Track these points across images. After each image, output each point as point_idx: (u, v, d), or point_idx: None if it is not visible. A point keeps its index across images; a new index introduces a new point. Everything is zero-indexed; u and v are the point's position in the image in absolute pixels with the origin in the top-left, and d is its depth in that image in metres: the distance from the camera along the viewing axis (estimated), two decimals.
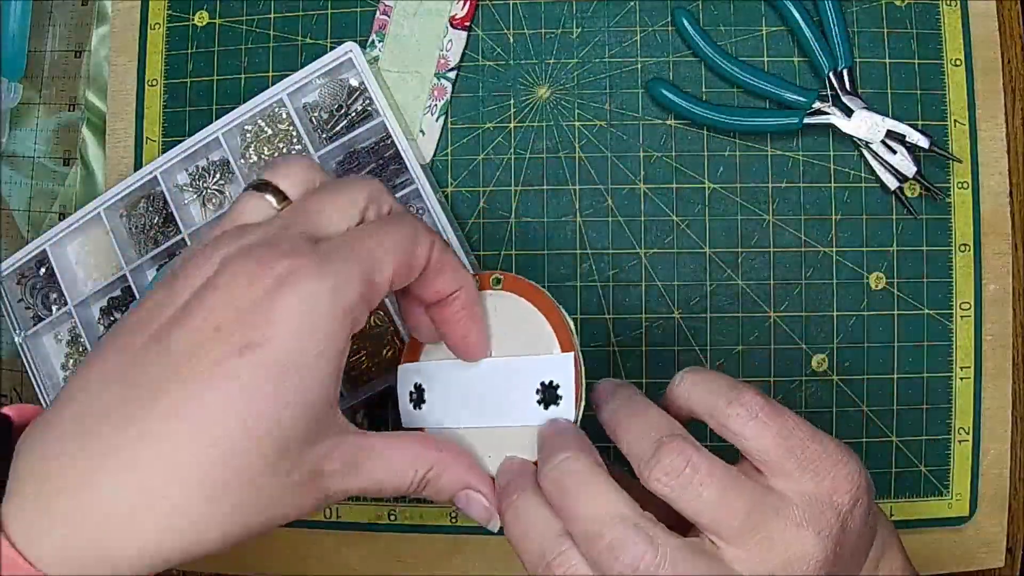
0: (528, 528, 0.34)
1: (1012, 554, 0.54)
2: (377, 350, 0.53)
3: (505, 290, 0.39)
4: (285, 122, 0.54)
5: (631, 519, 0.31)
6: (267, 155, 0.54)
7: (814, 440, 0.32)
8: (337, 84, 0.54)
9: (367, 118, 0.53)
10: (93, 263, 0.57)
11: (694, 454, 0.31)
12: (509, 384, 0.38)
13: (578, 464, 0.33)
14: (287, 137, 0.54)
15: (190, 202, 0.56)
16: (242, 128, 0.55)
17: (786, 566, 0.30)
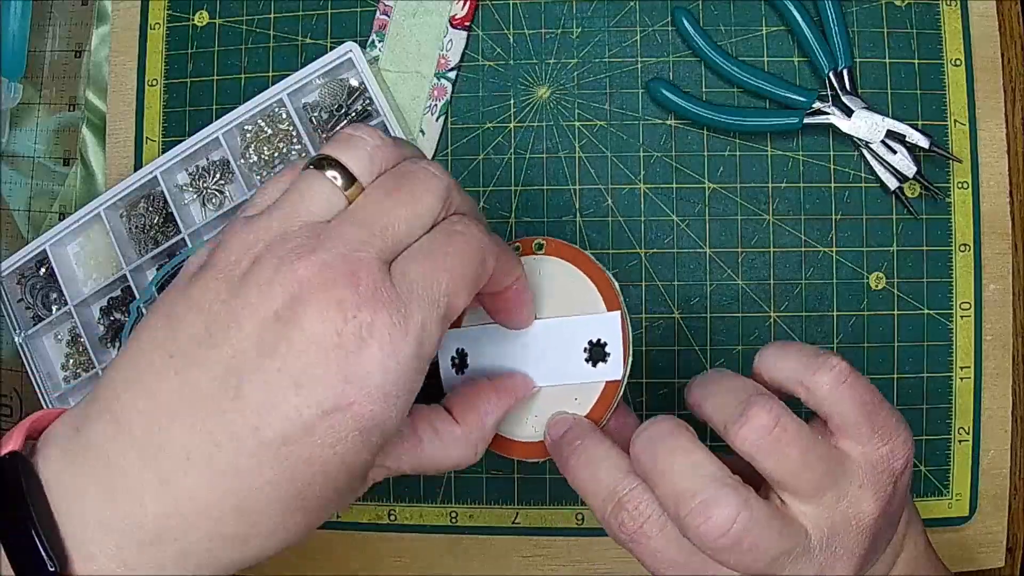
0: (596, 468, 0.34)
1: (1012, 554, 0.54)
2: None
3: (548, 254, 0.39)
4: (285, 122, 0.54)
5: (724, 478, 0.32)
6: (267, 155, 0.54)
7: (885, 406, 0.33)
8: (337, 84, 0.54)
9: (367, 118, 0.53)
10: (93, 263, 0.57)
11: (783, 413, 0.32)
12: (556, 344, 0.38)
13: (669, 425, 0.34)
14: (287, 137, 0.54)
15: (190, 202, 0.56)
16: (242, 128, 0.55)
17: (846, 523, 0.32)
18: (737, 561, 0.31)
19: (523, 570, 0.55)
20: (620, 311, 0.37)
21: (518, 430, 0.39)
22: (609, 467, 0.34)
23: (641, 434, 0.34)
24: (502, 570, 0.55)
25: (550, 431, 0.37)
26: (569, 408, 0.38)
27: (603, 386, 0.38)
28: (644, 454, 0.33)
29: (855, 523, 0.32)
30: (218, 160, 0.56)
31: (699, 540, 0.31)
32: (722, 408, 0.33)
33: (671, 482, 0.32)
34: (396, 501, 0.56)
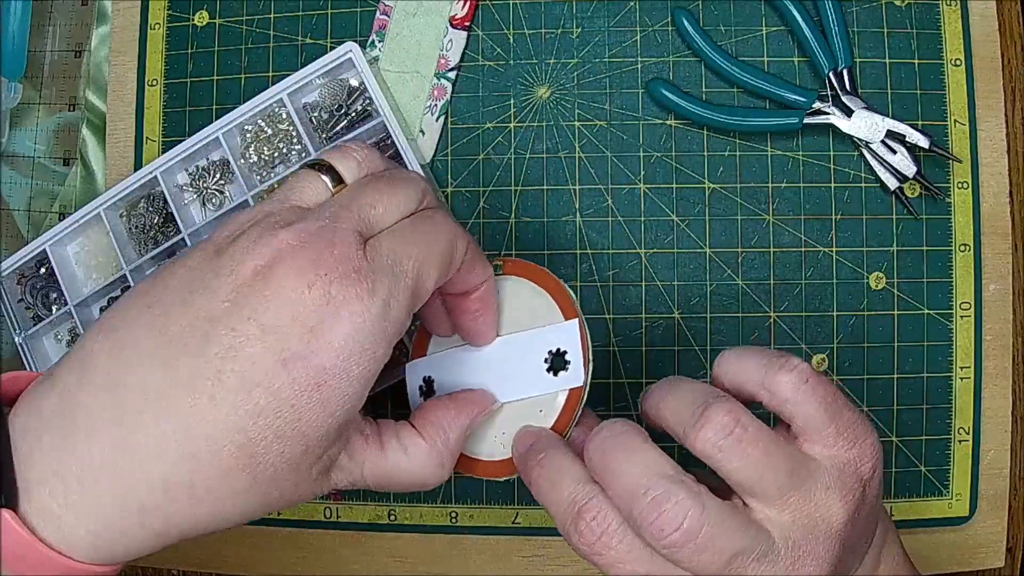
0: (557, 478, 0.34)
1: (1012, 554, 0.54)
2: None
3: (507, 273, 0.40)
4: (285, 122, 0.54)
5: (676, 477, 0.32)
6: (267, 155, 0.54)
7: (849, 408, 0.33)
8: (337, 84, 0.54)
9: (367, 118, 0.53)
10: (93, 263, 0.57)
11: (742, 414, 0.32)
12: (518, 358, 0.39)
13: (623, 427, 0.34)
14: (287, 137, 0.54)
15: (190, 202, 0.56)
16: (242, 128, 0.55)
17: (813, 527, 0.31)
18: (692, 560, 0.31)
19: (523, 570, 0.55)
20: (577, 318, 0.38)
21: (485, 448, 0.39)
22: (570, 478, 0.34)
23: (594, 438, 0.34)
24: (502, 570, 0.55)
25: (516, 445, 0.37)
26: (535, 421, 0.38)
27: (567, 395, 0.38)
28: (596, 455, 0.33)
29: (823, 528, 0.32)
30: (218, 160, 0.56)
31: (652, 537, 0.31)
32: (679, 412, 0.33)
33: (623, 481, 0.32)
34: (396, 501, 0.56)
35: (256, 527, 0.57)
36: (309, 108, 0.55)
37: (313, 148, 0.53)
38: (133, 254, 0.55)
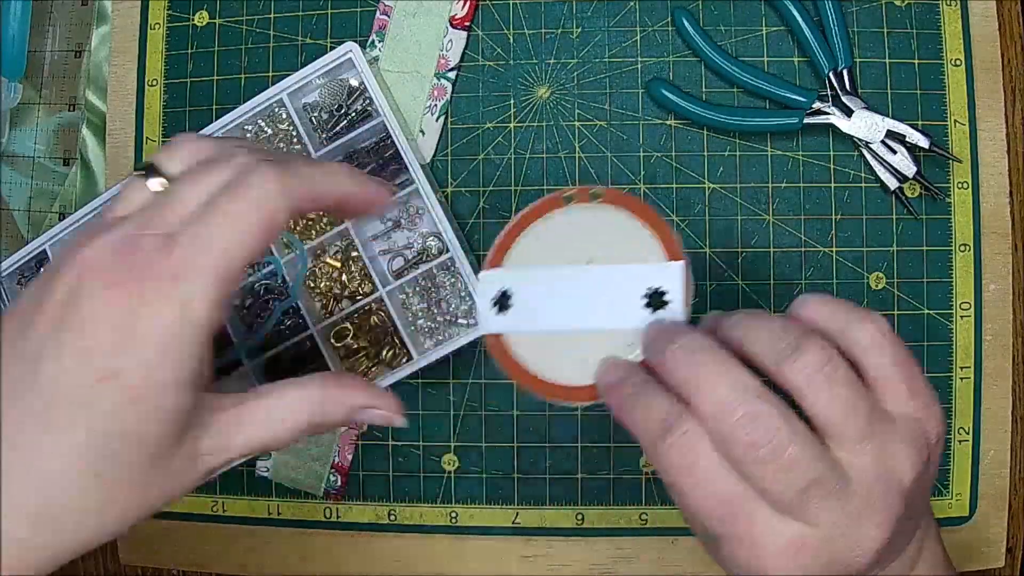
0: (646, 399, 0.34)
1: (1012, 554, 0.54)
2: (376, 350, 0.53)
3: (606, 202, 0.39)
4: (285, 122, 0.54)
5: (765, 393, 0.31)
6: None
7: (921, 375, 0.34)
8: (337, 84, 0.54)
9: (367, 118, 0.53)
10: None
11: (835, 353, 0.32)
12: (611, 291, 0.38)
13: (705, 341, 0.33)
14: (287, 137, 0.54)
15: None
16: (242, 128, 0.55)
17: (885, 478, 0.32)
18: (776, 479, 0.31)
19: (523, 570, 0.55)
20: (684, 260, 0.37)
21: (565, 373, 0.38)
22: (661, 398, 0.34)
23: (677, 352, 0.34)
24: (502, 570, 0.55)
25: (603, 375, 0.37)
26: (621, 354, 0.37)
27: None
28: (682, 369, 0.33)
29: (894, 482, 0.32)
30: None
31: (743, 452, 0.31)
32: (772, 342, 0.33)
33: (713, 396, 0.32)
34: (396, 501, 0.56)
35: (256, 527, 0.57)
36: (309, 108, 0.55)
37: (313, 148, 0.53)
38: None
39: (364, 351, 0.54)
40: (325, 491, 0.56)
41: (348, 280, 0.54)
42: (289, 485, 0.56)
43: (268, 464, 0.56)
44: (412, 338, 0.52)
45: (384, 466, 0.56)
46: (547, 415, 0.55)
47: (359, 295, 0.54)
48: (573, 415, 0.54)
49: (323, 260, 0.54)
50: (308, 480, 0.56)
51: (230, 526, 0.57)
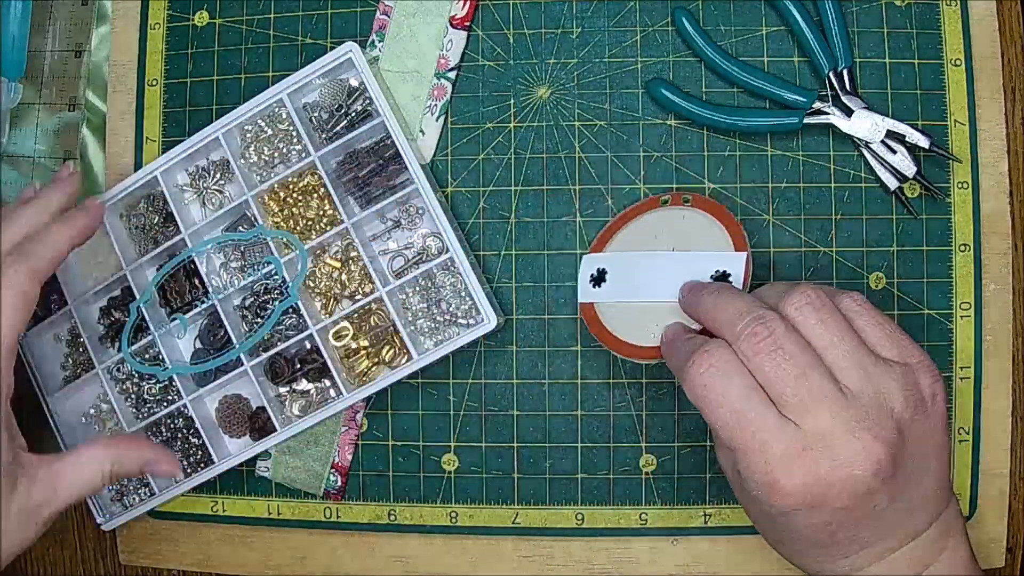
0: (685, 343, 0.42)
1: (1012, 554, 0.54)
2: (376, 350, 0.53)
3: (694, 207, 0.50)
4: (285, 122, 0.54)
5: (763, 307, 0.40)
6: (267, 155, 0.54)
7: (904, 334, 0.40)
8: (337, 84, 0.54)
9: (367, 118, 0.53)
10: (92, 263, 0.57)
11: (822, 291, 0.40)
12: (686, 271, 0.47)
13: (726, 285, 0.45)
14: (287, 137, 0.54)
15: (190, 202, 0.56)
16: (242, 128, 0.55)
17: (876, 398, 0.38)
18: (776, 371, 0.38)
19: (523, 570, 0.55)
20: (747, 251, 0.47)
21: (640, 336, 0.47)
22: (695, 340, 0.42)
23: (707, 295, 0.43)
24: (502, 570, 0.55)
25: (663, 334, 0.46)
26: (687, 322, 0.46)
27: None
28: (707, 300, 0.43)
29: (886, 407, 0.37)
30: (218, 160, 0.56)
31: (749, 344, 0.38)
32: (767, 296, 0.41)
33: (729, 309, 0.40)
34: (396, 501, 0.56)
35: (256, 527, 0.57)
36: (309, 108, 0.55)
37: (313, 148, 0.52)
38: (133, 254, 0.55)
39: (364, 351, 0.54)
40: (325, 491, 0.56)
41: (348, 280, 0.54)
42: (288, 485, 0.56)
43: (268, 464, 0.56)
44: (412, 338, 0.52)
45: (384, 466, 0.56)
46: (547, 415, 0.55)
47: (359, 295, 0.54)
48: (573, 415, 0.54)
49: (323, 260, 0.54)
50: (308, 480, 0.56)
51: (230, 526, 0.57)
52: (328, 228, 0.53)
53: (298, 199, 0.54)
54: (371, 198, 0.53)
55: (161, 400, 0.55)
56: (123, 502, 0.56)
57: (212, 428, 0.56)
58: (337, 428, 0.56)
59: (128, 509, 0.56)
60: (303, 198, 0.54)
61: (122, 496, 0.56)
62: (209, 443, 0.54)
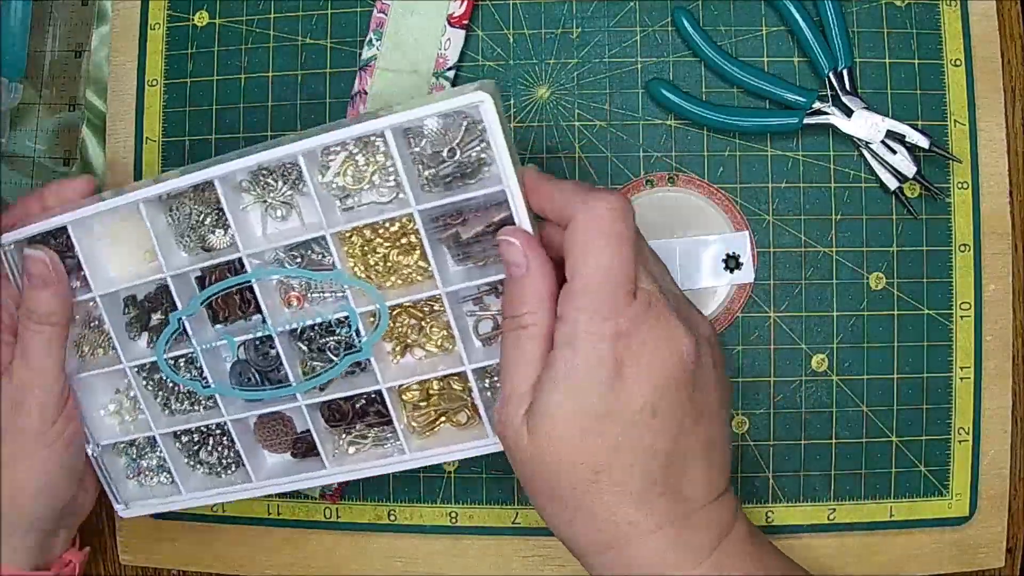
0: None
1: (1012, 554, 0.54)
2: (450, 415, 0.49)
3: (680, 186, 0.52)
4: (383, 155, 0.45)
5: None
6: (351, 183, 0.45)
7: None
8: (451, 118, 0.44)
9: (480, 168, 0.45)
10: (123, 249, 0.50)
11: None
12: (699, 255, 0.51)
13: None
14: (382, 172, 0.45)
15: (247, 207, 0.47)
16: (327, 150, 0.46)
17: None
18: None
19: (523, 570, 0.55)
20: (748, 230, 0.51)
21: None
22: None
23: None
24: (502, 570, 0.55)
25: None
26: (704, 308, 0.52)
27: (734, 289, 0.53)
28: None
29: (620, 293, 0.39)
30: (290, 168, 0.47)
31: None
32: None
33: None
34: (396, 501, 0.56)
35: (255, 527, 0.57)
36: (411, 134, 0.45)
37: (413, 196, 0.43)
38: (173, 247, 0.48)
39: (433, 408, 0.49)
40: (322, 492, 0.56)
41: (427, 335, 0.48)
42: None
43: None
44: (488, 406, 0.46)
45: None
46: None
47: (435, 351, 0.48)
48: None
49: (403, 307, 0.47)
50: None
51: (230, 526, 0.57)
52: (415, 278, 0.46)
53: (384, 243, 0.46)
54: (469, 257, 0.45)
55: (195, 402, 0.51)
56: (139, 480, 0.53)
57: (248, 439, 0.51)
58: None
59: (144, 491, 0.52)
60: (390, 243, 0.46)
61: (139, 473, 0.53)
62: (245, 455, 0.50)
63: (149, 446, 0.53)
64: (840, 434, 0.54)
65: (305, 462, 0.51)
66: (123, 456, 0.53)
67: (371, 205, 0.46)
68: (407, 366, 0.48)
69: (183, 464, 0.52)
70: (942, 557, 0.54)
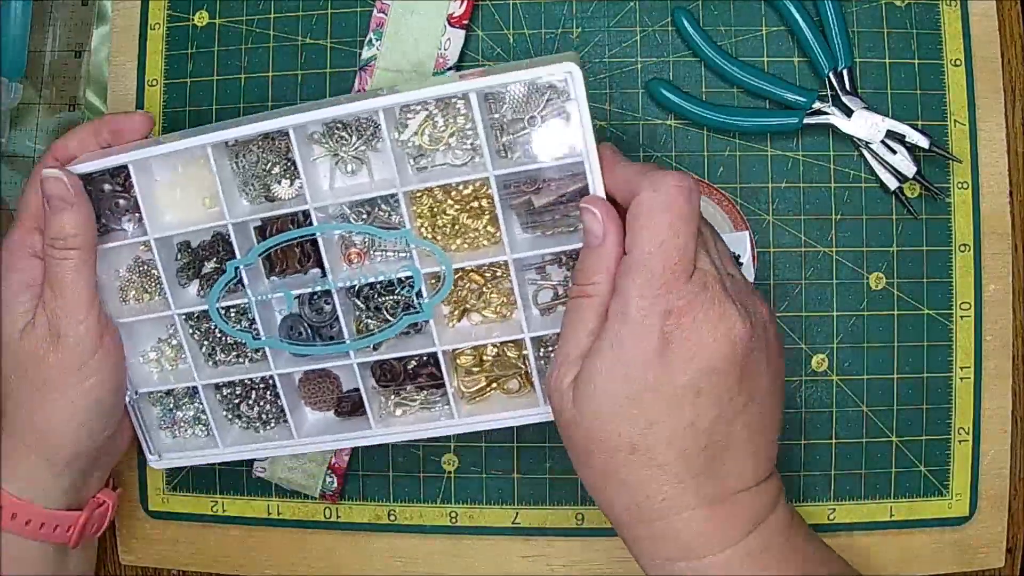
0: None
1: (1012, 554, 0.54)
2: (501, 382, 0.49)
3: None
4: (463, 118, 0.45)
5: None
6: (427, 143, 0.45)
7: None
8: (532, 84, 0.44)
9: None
10: (183, 196, 0.48)
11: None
12: None
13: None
14: (460, 134, 0.45)
15: (318, 159, 0.47)
16: (408, 107, 0.45)
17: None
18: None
19: (523, 570, 0.55)
20: (748, 230, 0.50)
21: None
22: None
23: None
24: (502, 570, 0.55)
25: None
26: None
27: None
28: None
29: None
30: (365, 123, 0.46)
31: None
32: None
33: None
34: (396, 501, 0.56)
35: (255, 527, 0.57)
36: (492, 98, 0.44)
37: (491, 161, 0.43)
38: (236, 195, 0.47)
39: (485, 374, 0.49)
40: (321, 492, 0.55)
41: (486, 300, 0.48)
42: (285, 486, 0.56)
43: (265, 464, 0.56)
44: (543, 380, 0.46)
45: (384, 466, 0.56)
46: None
47: (495, 317, 0.48)
48: None
49: (466, 271, 0.47)
50: (304, 481, 0.55)
51: (230, 526, 0.57)
52: (481, 243, 0.46)
53: (454, 205, 0.46)
54: (539, 225, 0.46)
55: (240, 354, 0.50)
56: (172, 431, 0.52)
57: (292, 395, 0.50)
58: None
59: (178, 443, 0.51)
60: (460, 205, 0.46)
61: (173, 424, 0.52)
62: (289, 410, 0.49)
63: (188, 397, 0.52)
64: (840, 434, 0.54)
65: (348, 421, 0.50)
66: (158, 406, 0.52)
67: (444, 167, 0.46)
68: (462, 330, 0.48)
69: (222, 417, 0.51)
70: (942, 557, 0.54)
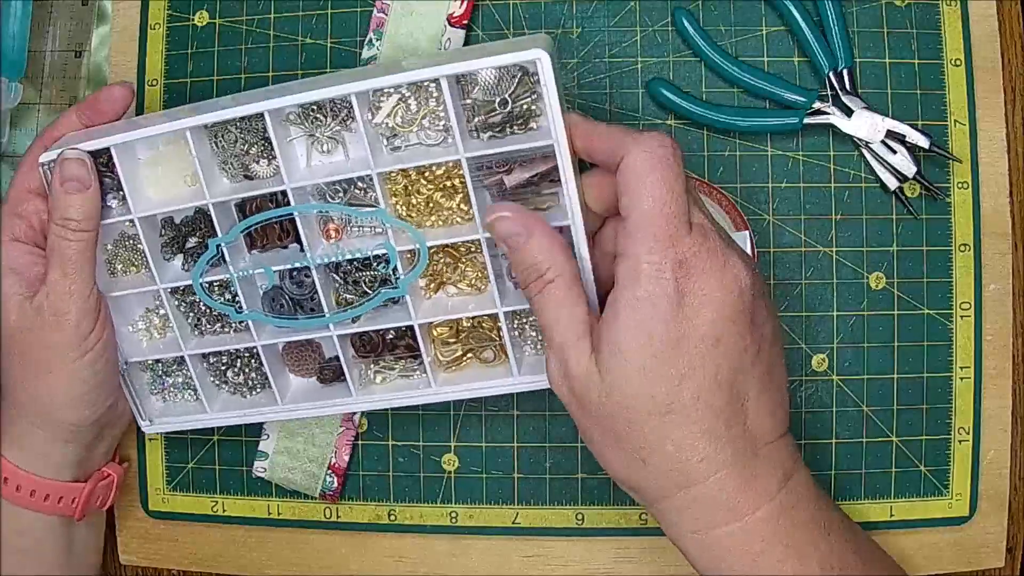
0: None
1: (1012, 554, 0.54)
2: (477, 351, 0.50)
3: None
4: (435, 100, 0.46)
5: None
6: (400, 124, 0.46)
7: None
8: (506, 71, 0.45)
9: (531, 119, 0.46)
10: (165, 174, 0.49)
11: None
12: None
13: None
14: (433, 118, 0.46)
15: (295, 139, 0.48)
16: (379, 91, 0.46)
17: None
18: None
19: (523, 570, 0.55)
20: (748, 230, 0.50)
21: None
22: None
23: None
24: (502, 570, 0.55)
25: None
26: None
27: None
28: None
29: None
30: (340, 105, 0.47)
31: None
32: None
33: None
34: (396, 501, 0.56)
35: (255, 527, 0.57)
36: (465, 81, 0.45)
37: (462, 143, 0.44)
38: (216, 174, 0.48)
39: (461, 344, 0.50)
40: (321, 492, 0.56)
41: (462, 273, 0.49)
42: (285, 486, 0.56)
43: (265, 464, 0.56)
44: (517, 351, 0.48)
45: (384, 466, 0.56)
46: (547, 415, 0.55)
47: (470, 289, 0.49)
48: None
49: (441, 246, 0.48)
50: (304, 481, 0.55)
51: (230, 526, 0.57)
52: (455, 220, 0.47)
53: (428, 184, 0.47)
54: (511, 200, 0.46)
55: (225, 324, 0.51)
56: (163, 396, 0.53)
57: (276, 363, 0.52)
58: (335, 429, 0.55)
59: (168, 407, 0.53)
60: (434, 185, 0.47)
61: (164, 390, 0.53)
62: (272, 378, 0.50)
63: (176, 364, 0.53)
64: (840, 434, 0.54)
65: (331, 388, 0.52)
66: (147, 372, 0.53)
67: (418, 147, 0.47)
68: (439, 302, 0.49)
69: (209, 383, 0.53)
70: (942, 557, 0.54)
